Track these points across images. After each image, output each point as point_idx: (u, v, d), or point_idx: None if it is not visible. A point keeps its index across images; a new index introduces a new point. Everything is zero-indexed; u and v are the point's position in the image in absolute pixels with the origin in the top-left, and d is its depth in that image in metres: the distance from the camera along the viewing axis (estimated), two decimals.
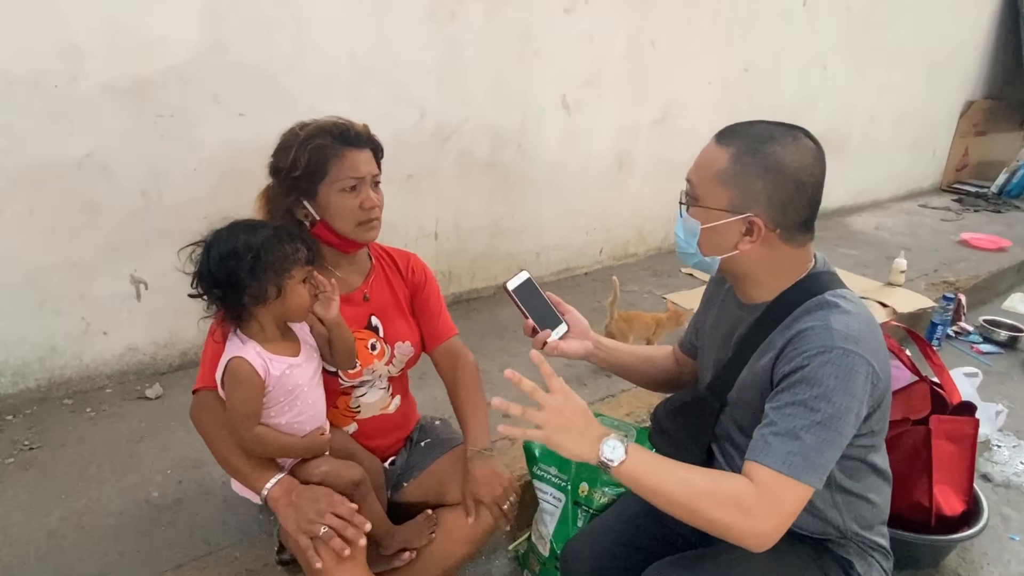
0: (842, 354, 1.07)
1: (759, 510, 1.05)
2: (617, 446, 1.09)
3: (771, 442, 1.08)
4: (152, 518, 1.79)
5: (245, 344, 1.33)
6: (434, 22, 2.78)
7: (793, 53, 4.43)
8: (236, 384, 1.31)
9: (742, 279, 1.25)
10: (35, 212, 2.12)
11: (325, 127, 1.44)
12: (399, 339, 1.60)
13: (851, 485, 1.24)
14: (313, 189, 1.43)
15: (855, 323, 1.11)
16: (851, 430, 1.10)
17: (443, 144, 2.98)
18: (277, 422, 1.38)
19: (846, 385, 1.06)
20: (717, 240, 1.20)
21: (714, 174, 1.17)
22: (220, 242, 1.29)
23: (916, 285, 3.80)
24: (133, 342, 2.42)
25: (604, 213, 3.75)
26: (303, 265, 1.32)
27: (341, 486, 1.39)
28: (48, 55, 2.03)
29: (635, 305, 3.24)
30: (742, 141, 1.17)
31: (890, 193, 5.87)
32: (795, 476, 1.05)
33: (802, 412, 1.07)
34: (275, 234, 1.31)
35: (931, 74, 5.61)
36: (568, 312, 1.43)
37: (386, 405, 1.63)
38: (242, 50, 2.33)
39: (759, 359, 1.20)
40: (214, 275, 1.28)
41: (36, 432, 2.13)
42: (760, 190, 1.15)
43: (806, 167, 1.16)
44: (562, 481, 1.72)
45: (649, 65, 3.62)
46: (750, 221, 1.16)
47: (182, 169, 2.32)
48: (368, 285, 1.59)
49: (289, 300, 1.31)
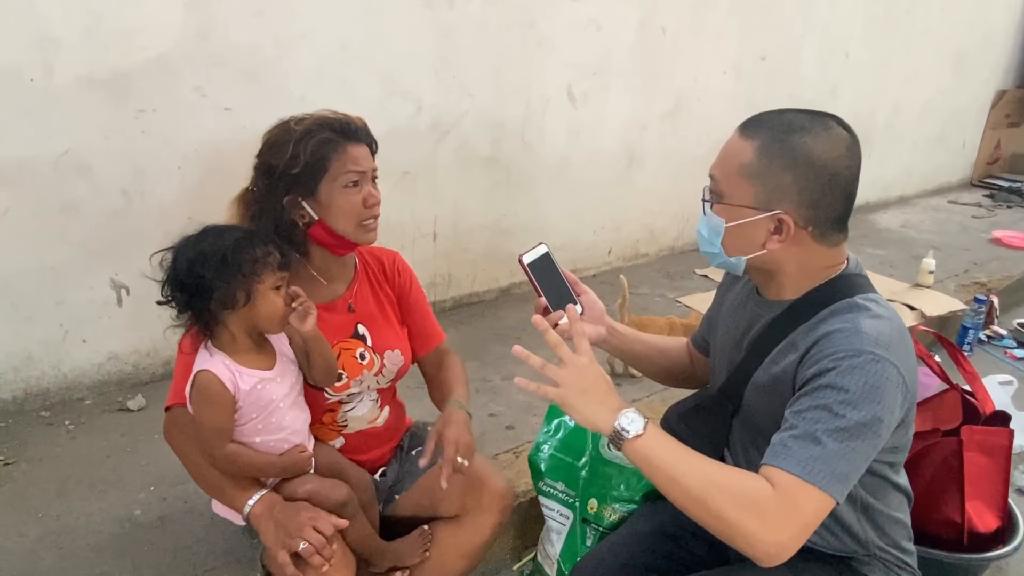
0: (872, 359, 1.05)
1: (776, 515, 1.02)
2: (636, 419, 1.08)
3: (790, 446, 1.06)
4: (134, 537, 1.79)
5: (213, 356, 1.33)
6: (430, 8, 2.78)
7: (813, 41, 4.43)
8: (203, 399, 1.31)
9: (769, 277, 1.23)
10: (9, 213, 2.13)
11: (324, 120, 1.42)
12: (388, 348, 1.59)
13: (876, 503, 1.24)
14: (313, 186, 1.42)
15: (887, 329, 1.10)
16: (879, 442, 1.08)
17: (441, 139, 2.99)
18: (251, 440, 1.37)
19: (874, 392, 1.04)
20: (743, 239, 1.18)
21: (738, 168, 1.15)
22: (188, 246, 1.30)
23: (945, 286, 3.79)
24: (114, 350, 2.43)
25: (613, 211, 3.75)
26: (274, 270, 1.31)
27: (327, 507, 1.38)
28: (22, 47, 2.03)
29: (647, 309, 3.24)
30: (768, 132, 1.14)
31: (917, 188, 5.86)
32: (816, 483, 1.02)
33: (826, 417, 1.05)
34: (245, 236, 1.31)
35: (959, 62, 5.60)
36: (585, 293, 1.42)
37: (375, 418, 1.62)
38: (227, 39, 2.34)
39: (779, 361, 1.19)
40: (181, 280, 1.29)
41: (11, 446, 2.13)
42: (789, 184, 1.12)
43: (839, 158, 1.13)
44: (570, 497, 1.72)
45: (660, 54, 3.62)
46: (779, 219, 1.14)
47: (165, 167, 2.32)
48: (352, 294, 1.58)
49: (259, 307, 1.30)
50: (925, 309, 3.42)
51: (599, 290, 1.54)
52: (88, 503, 1.90)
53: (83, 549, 1.75)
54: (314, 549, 1.30)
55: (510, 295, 3.44)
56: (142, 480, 2.00)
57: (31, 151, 2.11)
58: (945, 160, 6.06)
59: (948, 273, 3.98)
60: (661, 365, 1.56)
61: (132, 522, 1.84)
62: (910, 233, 4.85)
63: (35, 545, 1.75)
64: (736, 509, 1.02)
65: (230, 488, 1.37)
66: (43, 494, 1.93)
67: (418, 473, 1.64)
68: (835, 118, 1.17)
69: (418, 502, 1.64)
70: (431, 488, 1.61)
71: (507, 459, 2.15)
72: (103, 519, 1.85)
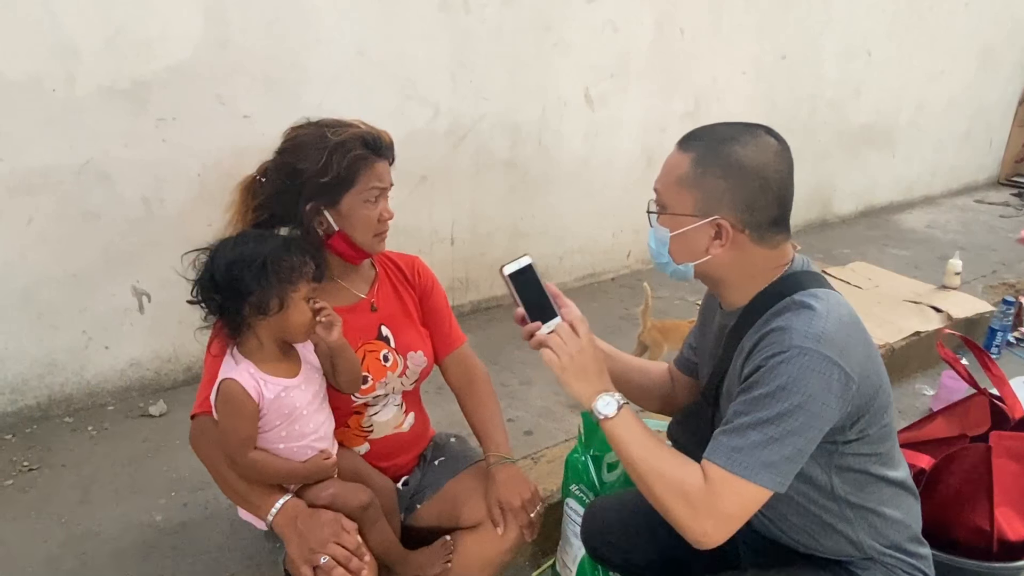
0: (799, 353, 1.10)
1: (701, 505, 1.12)
2: (612, 403, 1.21)
3: (719, 439, 1.15)
4: (155, 543, 1.81)
5: (239, 364, 1.33)
6: (447, 13, 2.79)
7: (834, 38, 4.39)
8: (228, 408, 1.32)
9: (718, 284, 1.30)
10: (33, 221, 2.16)
11: (359, 135, 1.44)
12: (412, 349, 1.60)
13: (860, 498, 1.25)
14: (338, 198, 1.44)
15: (819, 322, 1.13)
16: (809, 431, 1.11)
17: (458, 143, 2.99)
18: (275, 447, 1.38)
19: (799, 384, 1.09)
20: (687, 246, 1.25)
21: (676, 180, 1.25)
22: (227, 248, 1.31)
23: (972, 288, 3.73)
24: (136, 357, 2.46)
25: (632, 213, 3.73)
26: (309, 281, 1.33)
27: (349, 510, 1.39)
28: (44, 57, 2.06)
29: (667, 313, 3.22)
30: (702, 144, 1.24)
31: (942, 188, 5.78)
32: (739, 473, 1.10)
33: (751, 409, 1.13)
34: (285, 244, 1.32)
35: (985, 57, 5.52)
36: (566, 307, 1.41)
37: (400, 423, 1.64)
38: (244, 48, 2.36)
39: (735, 366, 1.25)
40: (216, 281, 1.29)
41: (36, 452, 2.16)
42: (723, 191, 1.20)
43: (767, 164, 1.21)
44: (589, 499, 1.71)
45: (678, 54, 3.60)
46: (717, 224, 1.21)
47: (185, 175, 2.35)
48: (374, 294, 1.60)
49: (291, 315, 1.31)
50: (951, 311, 3.37)
51: (618, 294, 1.54)
52: (110, 508, 1.93)
53: (105, 555, 1.77)
54: (335, 563, 1.30)
55: None
56: (163, 486, 2.03)
57: (54, 160, 2.15)
58: (971, 158, 5.97)
59: (975, 274, 3.92)
60: (641, 385, 1.57)
61: (153, 527, 1.86)
62: (935, 233, 4.79)
63: (58, 551, 1.78)
64: (671, 497, 1.14)
65: (253, 496, 1.39)
66: (66, 500, 1.96)
67: (440, 483, 1.65)
68: (764, 127, 1.25)
69: (440, 511, 1.64)
70: (454, 497, 1.62)
71: (525, 465, 2.14)
72: (125, 525, 1.87)
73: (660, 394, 1.58)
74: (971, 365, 2.08)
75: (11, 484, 2.02)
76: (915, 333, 3.15)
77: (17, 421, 2.29)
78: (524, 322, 1.34)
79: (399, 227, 1.53)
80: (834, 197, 4.89)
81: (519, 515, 1.53)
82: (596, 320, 3.21)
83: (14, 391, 2.28)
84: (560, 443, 2.24)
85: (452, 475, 1.67)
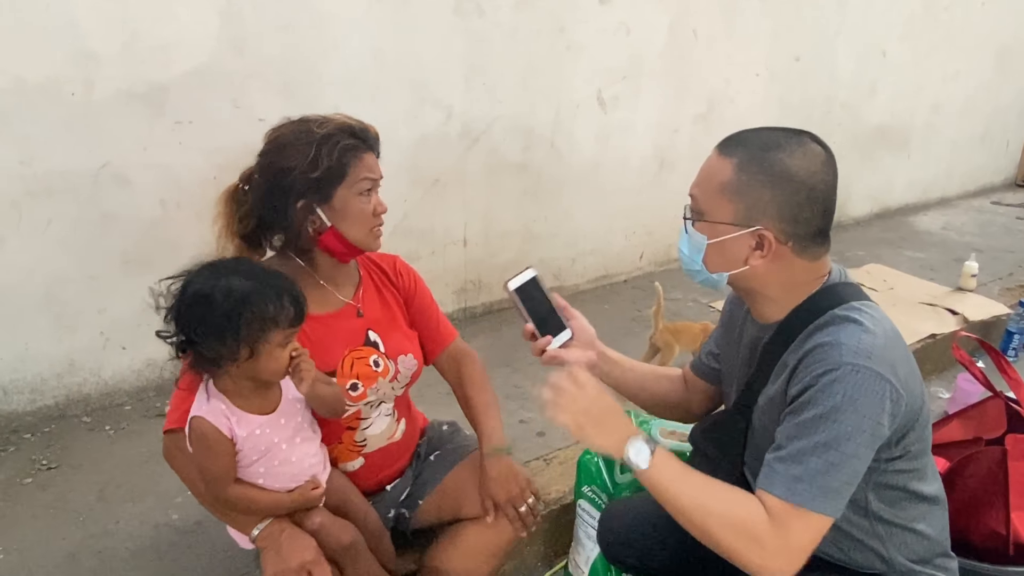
0: (851, 371, 1.06)
1: (770, 542, 1.06)
2: (644, 449, 1.12)
3: (776, 468, 1.09)
4: (172, 541, 1.83)
5: (210, 401, 1.27)
6: (460, 16, 2.81)
7: (849, 39, 4.36)
8: (202, 447, 1.27)
9: (752, 295, 1.25)
10: (52, 223, 2.19)
11: (344, 126, 1.40)
12: (401, 352, 1.57)
13: (893, 515, 1.22)
14: (330, 193, 1.39)
15: (868, 337, 1.09)
16: (866, 451, 1.07)
17: (471, 145, 3.00)
18: (255, 482, 1.34)
19: (854, 403, 1.05)
20: (724, 256, 1.19)
21: (718, 186, 1.17)
22: (199, 281, 1.22)
23: (989, 290, 3.70)
24: (152, 357, 2.48)
25: (644, 215, 3.73)
26: (284, 328, 1.23)
27: (331, 547, 1.37)
28: (63, 61, 2.09)
29: (679, 314, 3.21)
30: (746, 150, 1.16)
31: (958, 189, 5.73)
32: (804, 504, 1.05)
33: (806, 434, 1.07)
34: (260, 287, 1.22)
35: (1002, 57, 5.47)
36: (574, 318, 1.41)
37: (392, 433, 1.61)
38: (260, 52, 2.38)
39: (774, 382, 1.20)
40: (182, 317, 1.21)
41: (54, 451, 2.19)
42: (768, 201, 1.14)
43: (815, 173, 1.15)
44: (603, 502, 1.71)
45: (691, 56, 3.60)
46: (760, 234, 1.15)
47: (201, 177, 2.37)
48: (359, 298, 1.56)
49: (262, 363, 1.23)
50: (968, 314, 3.34)
51: (630, 296, 1.53)
52: (127, 507, 1.95)
53: (122, 553, 1.79)
54: None
55: None
56: (179, 485, 2.00)
57: (72, 164, 2.18)
58: (987, 160, 5.92)
59: (991, 276, 3.89)
60: (654, 392, 1.54)
61: (170, 526, 1.88)
62: (951, 235, 4.75)
63: (76, 548, 1.80)
64: (735, 539, 1.07)
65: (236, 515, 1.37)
66: (84, 498, 1.98)
67: (438, 479, 1.63)
68: (810, 135, 1.19)
69: (441, 506, 1.63)
70: (453, 490, 1.61)
71: (537, 466, 2.15)
72: (141, 523, 1.89)
73: (675, 401, 1.55)
74: (987, 368, 2.06)
75: (30, 482, 2.04)
76: (931, 336, 3.13)
77: (36, 420, 2.32)
78: (534, 337, 1.31)
79: (411, 229, 1.54)
80: (849, 199, 4.86)
81: (506, 509, 1.50)
82: (608, 322, 3.21)
83: (33, 391, 2.31)
84: (572, 444, 2.24)
85: (448, 469, 1.65)
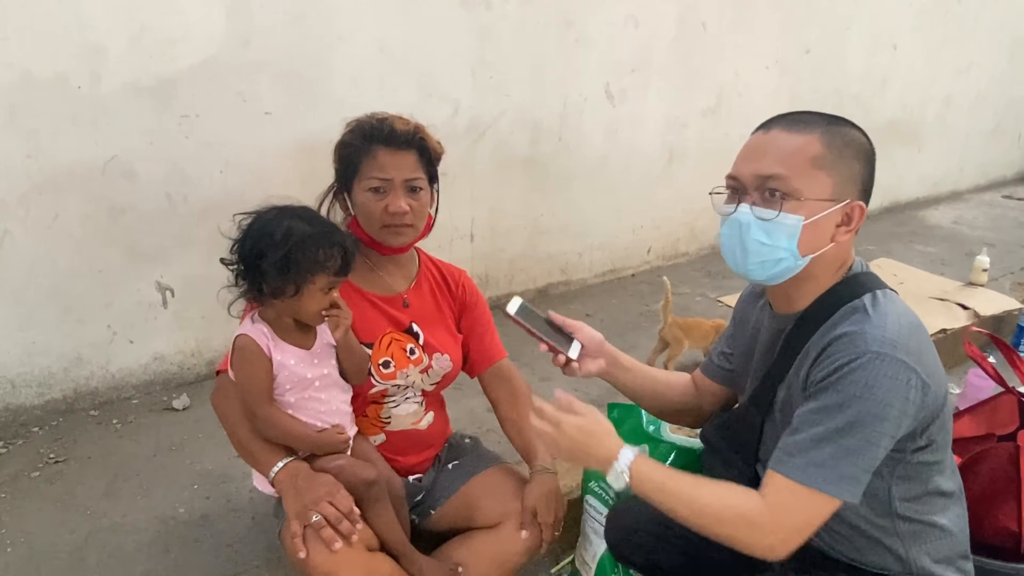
0: (874, 358, 1.05)
1: (766, 523, 1.08)
2: (622, 474, 1.15)
3: (791, 451, 1.10)
4: (179, 535, 1.83)
5: (255, 324, 1.38)
6: (468, 9, 2.79)
7: (859, 32, 4.33)
8: (242, 359, 1.36)
9: (801, 282, 1.19)
10: (60, 217, 2.20)
11: (362, 124, 1.49)
12: (439, 350, 1.61)
13: (914, 511, 1.20)
14: (349, 185, 1.52)
15: (893, 326, 1.08)
16: (885, 440, 1.07)
17: (478, 139, 2.99)
18: (286, 411, 1.41)
19: (873, 391, 1.05)
20: (817, 235, 1.14)
21: (810, 161, 1.12)
22: (266, 219, 1.33)
23: (1000, 285, 3.67)
24: (159, 351, 2.49)
25: (652, 209, 3.71)
26: (330, 274, 1.34)
27: (354, 483, 1.39)
28: (70, 56, 2.09)
29: (687, 309, 3.20)
30: (819, 125, 1.14)
31: (970, 183, 5.69)
32: (813, 486, 1.07)
33: (825, 419, 1.08)
34: (316, 233, 1.33)
35: (1014, 50, 5.42)
36: (578, 329, 1.41)
37: (418, 420, 1.64)
38: (267, 45, 2.38)
39: (798, 371, 1.18)
40: (245, 248, 1.33)
41: (62, 444, 2.20)
42: (858, 173, 1.15)
43: (872, 151, 1.18)
44: (610, 498, 1.70)
45: (700, 49, 3.57)
46: (850, 208, 1.14)
47: (208, 171, 2.37)
48: (409, 291, 1.62)
49: (304, 302, 1.34)
50: (979, 308, 3.32)
51: (637, 290, 1.53)
52: (134, 501, 1.95)
53: (129, 546, 1.79)
54: (324, 523, 1.30)
55: (547, 295, 3.43)
56: (186, 478, 2.05)
57: (79, 157, 2.18)
58: (999, 153, 5.87)
59: (1003, 271, 3.85)
60: (664, 397, 1.53)
61: (176, 520, 1.88)
62: (962, 230, 4.71)
63: (84, 542, 1.80)
64: (727, 527, 1.11)
65: (262, 454, 1.40)
66: (91, 491, 1.99)
67: (455, 487, 1.65)
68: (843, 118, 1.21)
69: (455, 514, 1.64)
70: (468, 500, 1.63)
71: None
72: (148, 517, 1.89)
73: (683, 406, 1.54)
74: (999, 363, 2.04)
75: (38, 475, 2.05)
76: (942, 331, 3.10)
77: (44, 414, 2.33)
78: (554, 351, 1.35)
79: None
80: None
81: (545, 528, 1.56)
82: (616, 316, 3.20)
83: (41, 384, 2.31)
84: None
85: (466, 479, 1.67)
